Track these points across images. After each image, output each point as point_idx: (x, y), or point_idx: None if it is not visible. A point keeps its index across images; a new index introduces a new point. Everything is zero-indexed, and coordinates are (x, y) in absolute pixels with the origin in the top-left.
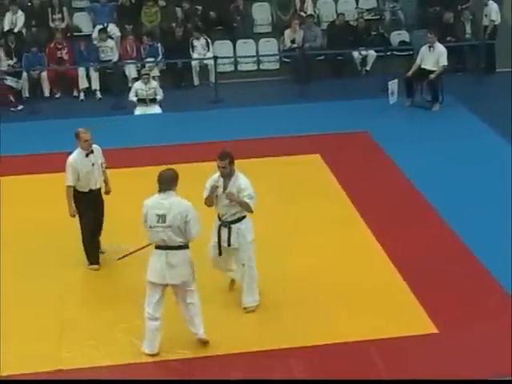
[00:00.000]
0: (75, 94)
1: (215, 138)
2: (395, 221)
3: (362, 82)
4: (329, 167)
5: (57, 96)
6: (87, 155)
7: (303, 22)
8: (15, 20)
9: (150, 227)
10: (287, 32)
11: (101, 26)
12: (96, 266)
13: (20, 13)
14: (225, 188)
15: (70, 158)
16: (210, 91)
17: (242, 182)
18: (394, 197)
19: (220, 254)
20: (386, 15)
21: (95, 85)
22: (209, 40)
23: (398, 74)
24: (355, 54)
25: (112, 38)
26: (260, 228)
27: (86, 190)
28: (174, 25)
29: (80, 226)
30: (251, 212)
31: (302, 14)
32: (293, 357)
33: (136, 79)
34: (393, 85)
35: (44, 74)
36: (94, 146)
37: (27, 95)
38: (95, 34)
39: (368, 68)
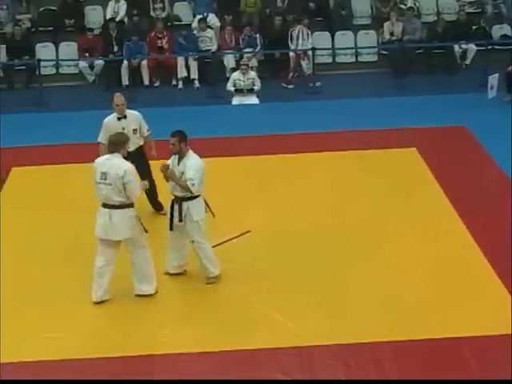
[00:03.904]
0: (174, 82)
1: (311, 130)
2: (491, 217)
3: (461, 76)
4: (425, 161)
5: (156, 85)
6: (119, 119)
7: (403, 14)
8: (117, 9)
9: (97, 183)
10: (386, 24)
11: (200, 16)
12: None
13: (122, 2)
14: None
15: (106, 118)
16: (307, 83)
17: (189, 162)
18: (491, 193)
19: (171, 228)
20: (487, 8)
21: (194, 74)
22: (308, 31)
23: (499, 68)
24: (455, 47)
25: (211, 28)
26: (355, 218)
27: None
28: (273, 14)
29: None
30: (191, 193)
31: (402, 6)
32: (380, 352)
33: (234, 69)
34: (493, 79)
35: (144, 63)
36: (131, 112)
37: (127, 83)
38: (195, 24)
39: (468, 62)
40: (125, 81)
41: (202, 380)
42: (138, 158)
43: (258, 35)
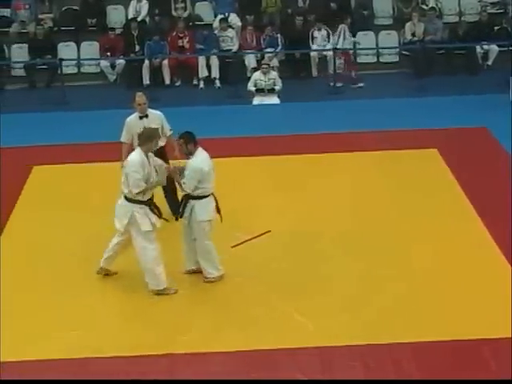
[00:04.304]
0: (195, 82)
1: (332, 130)
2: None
3: (482, 77)
4: (446, 162)
5: (177, 84)
6: (141, 118)
7: (424, 14)
8: (139, 8)
9: None
10: (408, 25)
11: (222, 16)
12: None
13: (144, 1)
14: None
15: (128, 118)
16: (329, 82)
17: (190, 161)
18: None
19: (176, 219)
20: (510, 9)
21: (215, 73)
22: (329, 31)
23: None
24: (477, 48)
25: (233, 28)
26: (375, 218)
27: None
28: (294, 14)
29: None
30: (182, 191)
31: (424, 6)
32: (402, 353)
33: (255, 69)
34: None
35: (165, 62)
36: (153, 112)
37: (148, 83)
38: (216, 24)
39: (490, 63)
40: (146, 80)
41: (220, 380)
42: (160, 158)
43: (279, 35)
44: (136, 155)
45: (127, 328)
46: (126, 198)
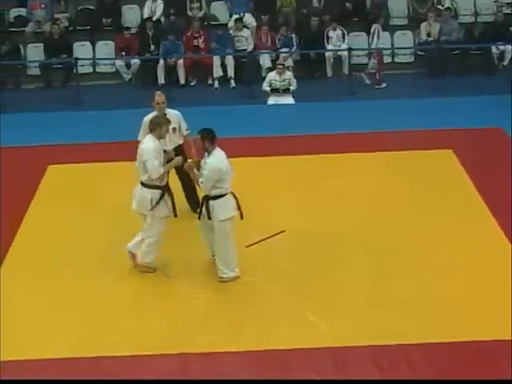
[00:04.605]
0: (210, 82)
1: (347, 130)
2: None
3: (498, 78)
4: (461, 162)
5: (192, 84)
6: None
7: (440, 14)
8: (154, 8)
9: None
10: (423, 25)
11: (237, 16)
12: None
13: (159, 1)
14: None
15: (145, 117)
16: (343, 83)
17: (208, 160)
18: None
19: (199, 218)
20: None
21: (230, 73)
22: (345, 31)
23: None
24: (493, 48)
25: (247, 28)
26: (390, 218)
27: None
28: (309, 14)
29: None
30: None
31: (439, 6)
32: (416, 354)
33: (270, 69)
34: None
35: (180, 62)
36: (171, 111)
37: (163, 82)
38: (231, 24)
39: (505, 63)
40: (161, 80)
41: (233, 380)
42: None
43: (294, 35)
44: (149, 142)
45: (140, 327)
46: (144, 185)
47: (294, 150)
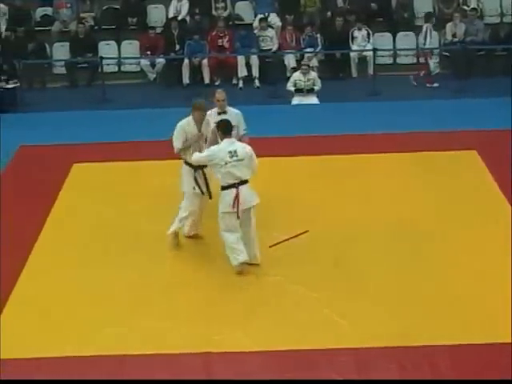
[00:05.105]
0: (234, 81)
1: (372, 131)
2: None
3: None
4: (485, 164)
5: (216, 83)
6: (219, 114)
7: (466, 15)
8: (179, 8)
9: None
10: (449, 25)
11: (262, 16)
12: None
13: (184, 1)
14: None
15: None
16: (368, 83)
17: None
18: None
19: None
20: None
21: (255, 73)
22: (370, 31)
23: None
24: None
25: (272, 28)
26: (414, 219)
27: None
28: (333, 14)
29: None
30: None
31: (465, 7)
32: (439, 355)
33: (294, 69)
34: None
35: (205, 62)
36: (232, 110)
37: (187, 81)
38: (256, 23)
39: None
40: (185, 79)
41: (256, 380)
42: None
43: (318, 35)
44: (184, 121)
45: (163, 326)
46: (185, 163)
47: (318, 150)
